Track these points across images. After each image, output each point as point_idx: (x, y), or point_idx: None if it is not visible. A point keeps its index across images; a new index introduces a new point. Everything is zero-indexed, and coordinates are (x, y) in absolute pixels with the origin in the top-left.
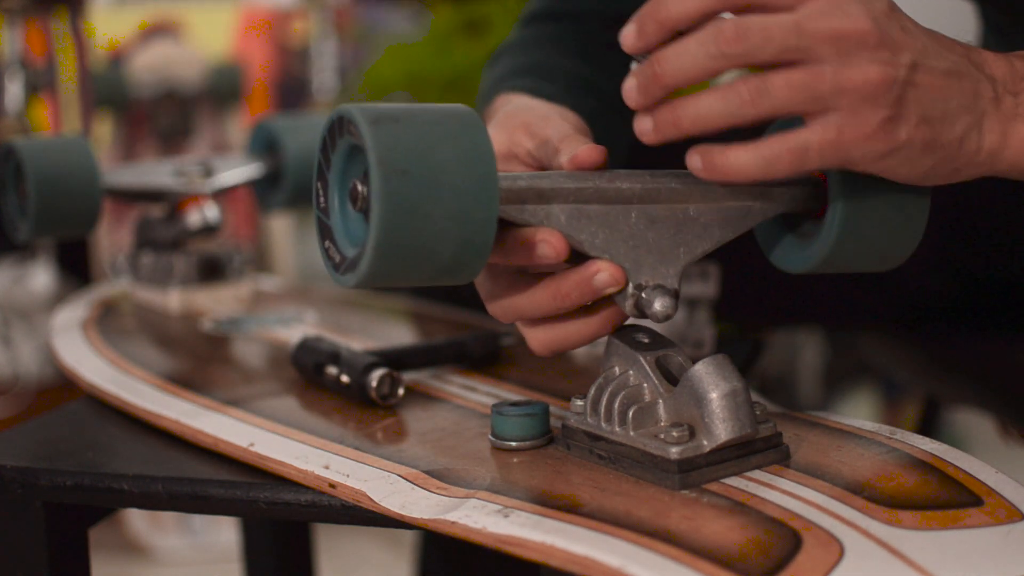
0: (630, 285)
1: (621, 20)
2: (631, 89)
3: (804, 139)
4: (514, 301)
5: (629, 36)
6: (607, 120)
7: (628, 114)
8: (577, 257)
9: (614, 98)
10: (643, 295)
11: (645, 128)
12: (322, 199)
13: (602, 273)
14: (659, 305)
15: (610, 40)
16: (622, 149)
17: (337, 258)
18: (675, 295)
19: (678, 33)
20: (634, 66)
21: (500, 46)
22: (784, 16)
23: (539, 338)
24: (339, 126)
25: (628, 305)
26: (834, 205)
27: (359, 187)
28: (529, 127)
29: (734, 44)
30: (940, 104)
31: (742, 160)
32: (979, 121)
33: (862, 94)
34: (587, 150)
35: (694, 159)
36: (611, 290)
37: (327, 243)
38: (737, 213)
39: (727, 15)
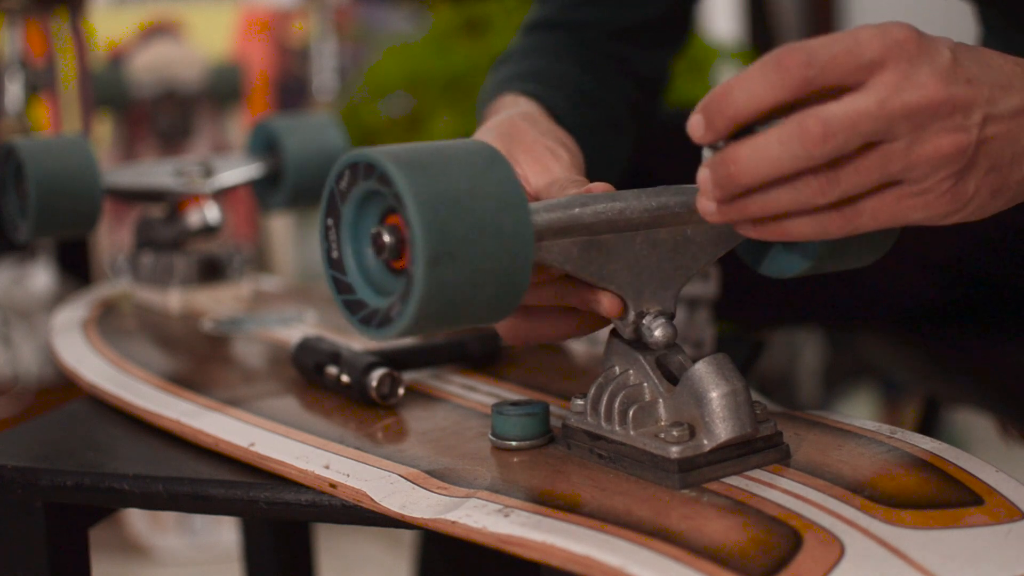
0: (632, 313)
1: (622, 31)
2: (706, 183)
3: (860, 208)
4: (523, 328)
5: (697, 128)
6: (605, 135)
7: (625, 129)
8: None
9: (612, 111)
10: (643, 322)
11: (708, 210)
12: (335, 251)
13: (603, 307)
14: (660, 332)
15: (611, 51)
16: (618, 164)
17: (363, 312)
18: (673, 317)
19: None
20: (706, 153)
21: (503, 53)
22: (863, 102)
23: (513, 331)
24: (354, 172)
25: (628, 331)
26: None
27: (384, 237)
28: (532, 151)
29: (821, 144)
30: (1009, 148)
31: (798, 225)
32: None
33: (933, 164)
34: (601, 186)
35: (747, 229)
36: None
37: (346, 297)
38: (728, 229)
39: None
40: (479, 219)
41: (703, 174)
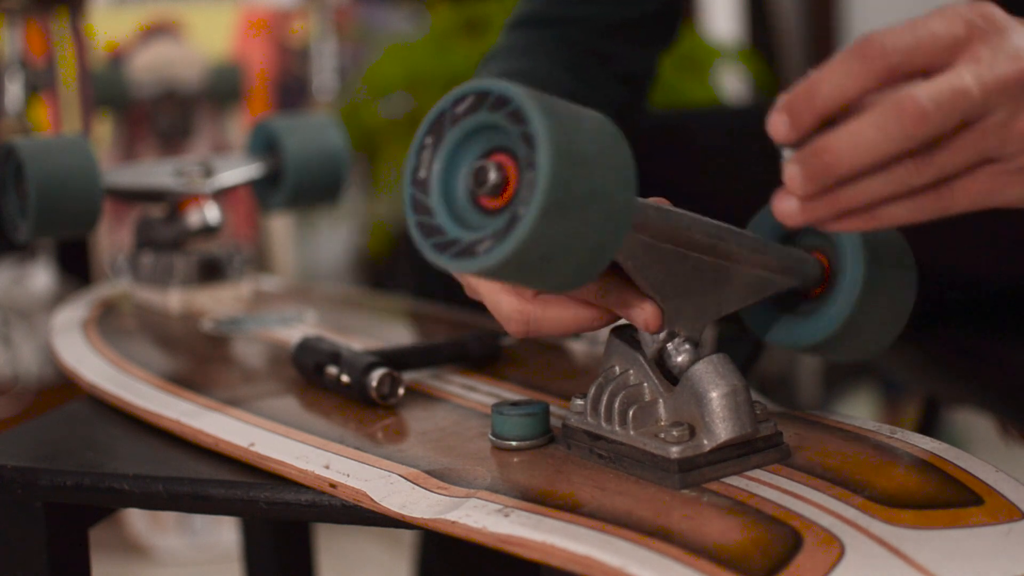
0: (664, 331)
1: (613, 28)
2: (794, 179)
3: (954, 188)
4: (534, 313)
5: (780, 127)
6: None
7: None
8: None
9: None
10: (669, 345)
11: (790, 210)
12: (423, 170)
13: (643, 316)
14: (682, 359)
15: (599, 50)
16: None
17: (438, 239)
18: (698, 345)
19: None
20: (787, 153)
21: (490, 50)
22: (958, 80)
23: (522, 316)
24: (479, 100)
25: (652, 348)
26: (844, 284)
27: (491, 173)
28: None
29: (921, 125)
30: None
31: (890, 212)
32: None
33: None
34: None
35: (836, 223)
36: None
37: (422, 219)
38: (762, 282)
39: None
40: (597, 183)
41: (792, 170)
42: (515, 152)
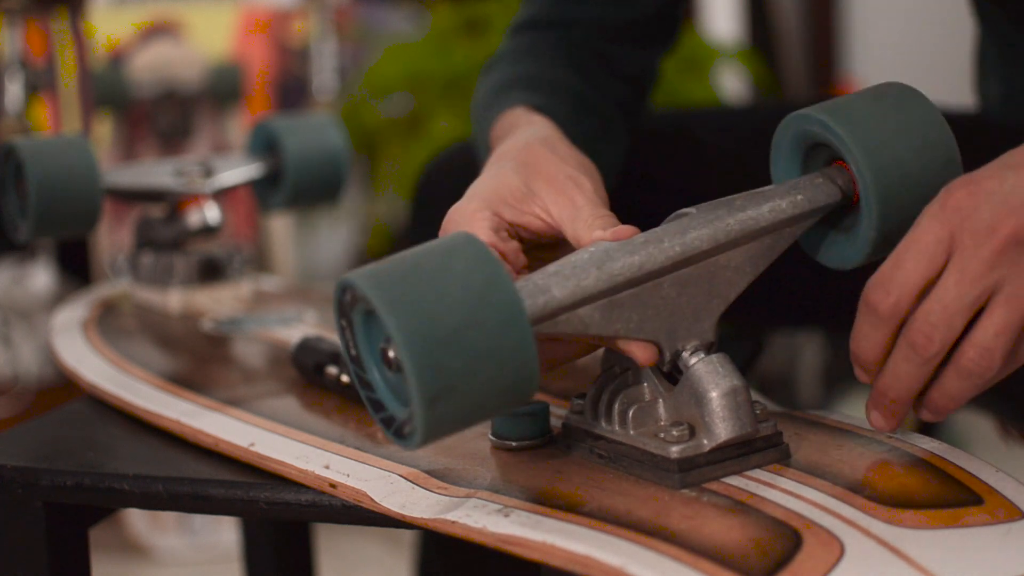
0: (667, 354)
1: (613, 30)
2: (879, 421)
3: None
4: (557, 353)
5: (883, 424)
6: (601, 144)
7: (618, 137)
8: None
9: (605, 118)
10: (680, 360)
11: (880, 425)
12: (352, 349)
13: (637, 355)
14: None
15: (601, 52)
16: (610, 173)
17: (384, 414)
18: (712, 347)
19: None
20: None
21: (493, 55)
22: (943, 291)
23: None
24: (345, 297)
25: (666, 367)
26: (866, 188)
27: (389, 352)
28: (554, 182)
29: (930, 346)
30: None
31: (959, 393)
32: None
33: None
34: (625, 230)
35: (923, 412)
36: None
37: (369, 395)
38: (767, 245)
39: None
40: (477, 350)
41: (875, 416)
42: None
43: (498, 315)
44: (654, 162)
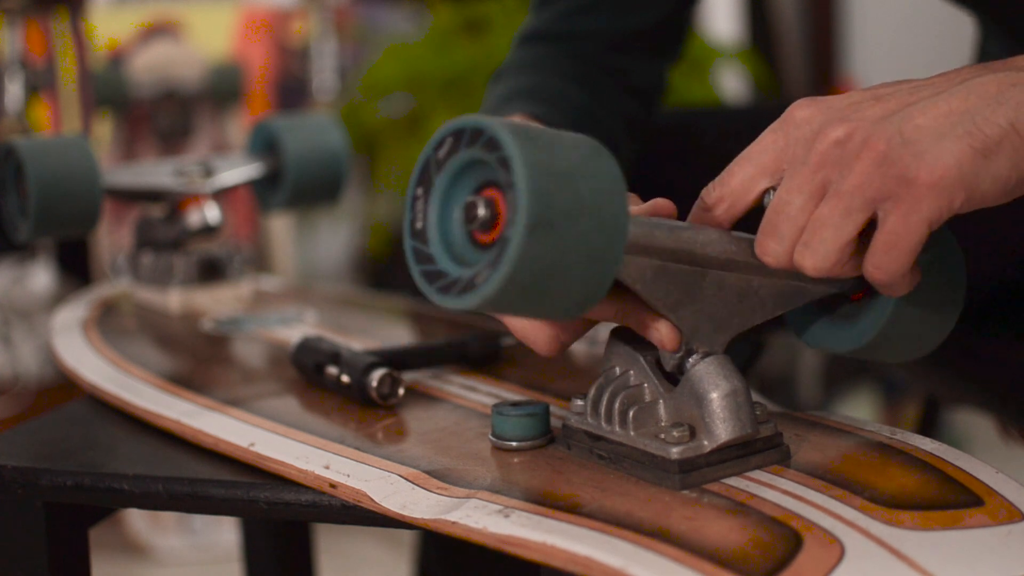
0: (682, 349)
1: (619, 42)
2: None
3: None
4: (567, 335)
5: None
6: None
7: (622, 149)
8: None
9: (608, 130)
10: (688, 361)
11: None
12: (419, 222)
13: (659, 336)
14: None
15: (608, 64)
16: None
17: (442, 282)
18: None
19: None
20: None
21: (500, 66)
22: (777, 198)
23: (555, 343)
24: (457, 139)
25: (671, 364)
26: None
27: (479, 208)
28: None
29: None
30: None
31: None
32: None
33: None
34: (663, 202)
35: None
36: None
37: (425, 268)
38: (792, 291)
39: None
40: (581, 197)
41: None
42: (499, 181)
43: (604, 174)
44: (654, 162)
